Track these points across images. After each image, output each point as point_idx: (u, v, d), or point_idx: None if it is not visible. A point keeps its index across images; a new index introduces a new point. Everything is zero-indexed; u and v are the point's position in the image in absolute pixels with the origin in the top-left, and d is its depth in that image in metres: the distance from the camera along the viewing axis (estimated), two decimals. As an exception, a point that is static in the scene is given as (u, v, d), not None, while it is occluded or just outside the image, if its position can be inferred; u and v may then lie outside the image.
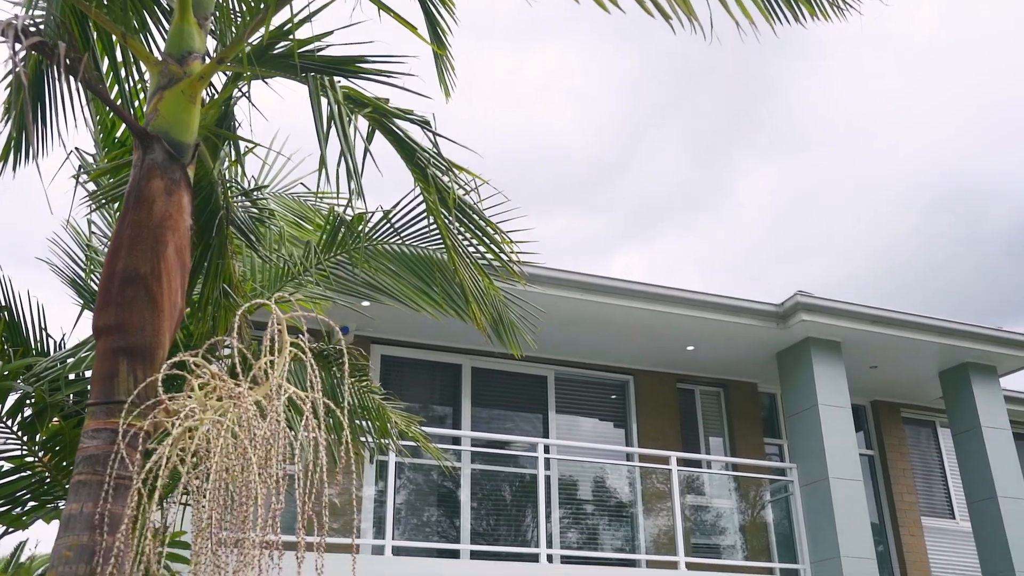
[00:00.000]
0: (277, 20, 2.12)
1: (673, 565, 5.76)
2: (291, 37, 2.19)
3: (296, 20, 2.10)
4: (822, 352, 6.39)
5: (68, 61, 1.85)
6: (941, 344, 6.65)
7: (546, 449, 5.98)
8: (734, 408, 7.23)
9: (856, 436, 6.87)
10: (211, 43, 2.32)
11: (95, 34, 2.52)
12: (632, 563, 5.98)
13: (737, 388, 7.31)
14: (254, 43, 2.27)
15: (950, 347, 6.73)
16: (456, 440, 6.15)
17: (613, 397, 7.24)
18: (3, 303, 2.69)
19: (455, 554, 5.73)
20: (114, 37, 2.48)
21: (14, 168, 2.61)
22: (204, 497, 1.35)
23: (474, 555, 5.65)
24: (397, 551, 5.22)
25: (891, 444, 7.47)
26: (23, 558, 4.96)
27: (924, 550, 7.09)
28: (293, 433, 1.57)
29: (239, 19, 2.37)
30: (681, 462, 6.24)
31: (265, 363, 1.58)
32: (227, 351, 2.23)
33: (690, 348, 6.75)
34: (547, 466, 5.85)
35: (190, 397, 1.56)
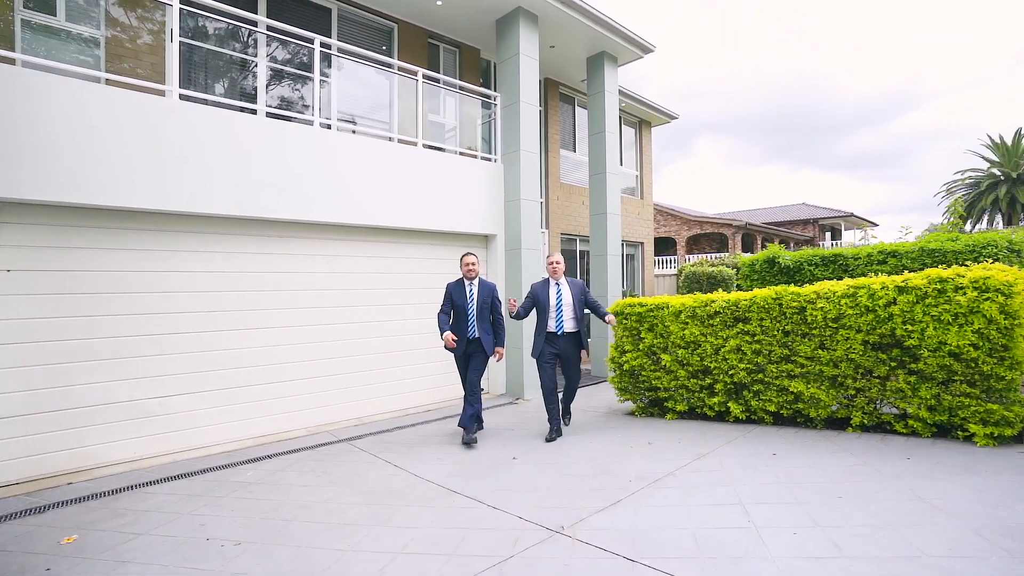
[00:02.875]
0: None
1: (414, 144, 7.74)
2: None
3: None
4: (526, 22, 8.53)
5: None
6: (593, 30, 9.32)
7: (326, 47, 7.12)
8: (463, 64, 9.73)
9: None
10: None
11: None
12: (389, 139, 7.76)
13: (467, 51, 9.73)
14: None
15: (598, 33, 9.40)
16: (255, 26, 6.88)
17: (383, 48, 8.88)
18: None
19: (254, 112, 6.60)
20: None
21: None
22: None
23: (269, 115, 6.59)
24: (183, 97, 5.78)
25: (551, 106, 11.15)
26: None
27: (559, 165, 11.27)
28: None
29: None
30: (425, 77, 8.14)
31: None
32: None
33: (439, 3, 8.61)
34: (329, 63, 7.18)
35: None
